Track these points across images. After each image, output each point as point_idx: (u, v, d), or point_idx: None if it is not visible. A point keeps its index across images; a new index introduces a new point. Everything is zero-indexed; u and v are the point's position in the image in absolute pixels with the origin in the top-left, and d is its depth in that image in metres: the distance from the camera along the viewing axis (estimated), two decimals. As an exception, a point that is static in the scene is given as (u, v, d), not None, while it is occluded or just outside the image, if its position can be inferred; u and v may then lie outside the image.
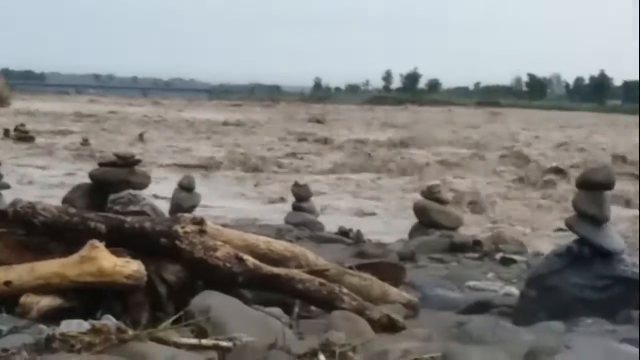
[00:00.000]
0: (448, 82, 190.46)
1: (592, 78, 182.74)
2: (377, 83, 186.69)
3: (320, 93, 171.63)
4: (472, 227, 22.92)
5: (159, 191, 20.83)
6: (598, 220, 11.38)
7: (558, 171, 38.05)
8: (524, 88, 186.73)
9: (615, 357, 7.77)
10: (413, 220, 20.31)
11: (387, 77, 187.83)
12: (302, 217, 20.72)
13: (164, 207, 17.60)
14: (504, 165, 41.50)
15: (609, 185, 11.69)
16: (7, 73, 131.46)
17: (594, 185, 11.55)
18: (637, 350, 8.03)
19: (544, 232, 25.19)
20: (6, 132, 48.28)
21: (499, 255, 17.41)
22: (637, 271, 11.54)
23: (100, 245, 8.08)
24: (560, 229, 19.03)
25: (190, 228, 8.80)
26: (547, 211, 28.94)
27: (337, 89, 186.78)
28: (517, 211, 28.86)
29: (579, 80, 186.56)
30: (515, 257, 17.35)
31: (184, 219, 9.21)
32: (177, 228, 8.72)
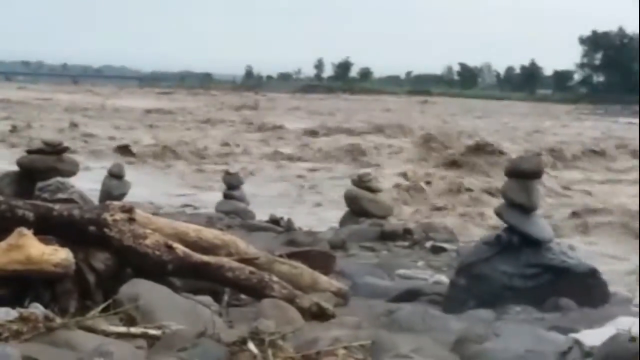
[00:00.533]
0: (380, 71, 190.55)
1: (522, 67, 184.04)
2: (309, 71, 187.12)
3: (251, 81, 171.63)
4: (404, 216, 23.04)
5: (88, 179, 20.67)
6: (527, 209, 11.49)
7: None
8: (456, 77, 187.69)
9: (543, 344, 7.83)
10: (342, 209, 20.40)
11: (319, 65, 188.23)
12: (232, 205, 20.72)
13: (93, 195, 17.50)
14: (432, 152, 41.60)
15: (538, 174, 11.80)
16: None
17: (523, 174, 11.64)
18: (565, 337, 8.11)
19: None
20: None
21: (429, 244, 17.50)
22: (566, 260, 11.66)
23: (28, 233, 8.03)
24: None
25: (119, 216, 8.77)
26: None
27: (269, 77, 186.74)
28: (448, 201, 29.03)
29: (509, 69, 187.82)
30: (446, 245, 17.46)
31: (113, 206, 9.17)
32: (106, 216, 8.69)
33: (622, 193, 31.80)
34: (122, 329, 6.98)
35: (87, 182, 19.02)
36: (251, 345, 6.18)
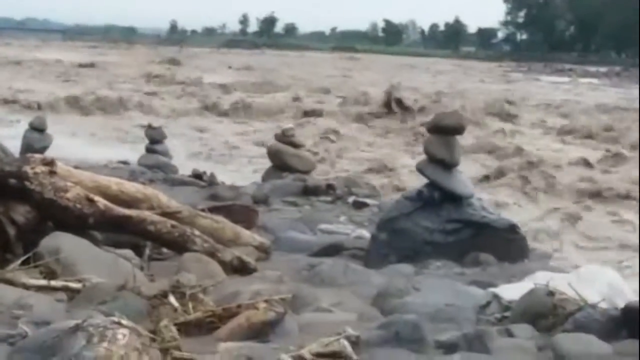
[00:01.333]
0: (305, 27, 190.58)
1: (447, 25, 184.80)
2: (234, 27, 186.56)
3: (176, 36, 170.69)
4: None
5: (8, 132, 20.53)
6: (448, 165, 11.56)
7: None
8: (380, 34, 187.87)
9: (463, 298, 7.91)
10: (266, 163, 20.41)
11: (244, 20, 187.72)
12: (155, 160, 20.66)
13: (14, 148, 17.36)
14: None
15: (459, 130, 11.86)
16: None
17: (444, 130, 11.69)
18: (484, 291, 8.20)
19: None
20: None
21: (351, 199, 17.55)
22: (488, 215, 11.77)
23: (-53, 186, 7.99)
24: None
25: (40, 169, 8.72)
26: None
27: (194, 31, 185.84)
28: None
29: (434, 26, 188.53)
30: (368, 200, 17.51)
31: (34, 159, 9.11)
32: (27, 169, 8.63)
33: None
34: (43, 282, 6.97)
35: (8, 135, 18.86)
36: (172, 299, 6.19)
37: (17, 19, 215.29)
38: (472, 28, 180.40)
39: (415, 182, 14.45)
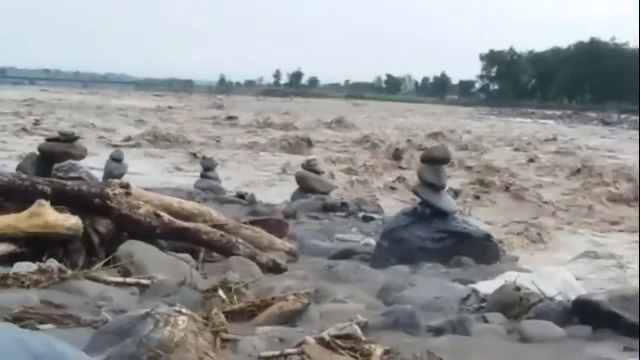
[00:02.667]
0: (324, 79, 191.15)
1: (435, 78, 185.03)
2: (269, 79, 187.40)
3: (223, 86, 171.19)
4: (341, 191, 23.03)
5: (95, 162, 20.53)
6: (437, 187, 11.60)
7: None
8: (383, 85, 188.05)
9: (448, 292, 7.91)
10: (294, 186, 20.43)
11: (277, 74, 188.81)
12: (208, 183, 20.65)
13: (98, 174, 17.41)
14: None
15: (445, 160, 11.94)
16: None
17: (434, 160, 11.75)
18: (465, 287, 8.18)
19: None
20: (-30, 115, 47.54)
21: (361, 214, 17.55)
22: (468, 226, 11.79)
23: (46, 203, 8.04)
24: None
25: (118, 191, 8.80)
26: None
27: (238, 83, 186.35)
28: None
29: (425, 79, 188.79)
30: (374, 215, 17.52)
31: (114, 183, 9.25)
32: (108, 191, 8.74)
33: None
34: (120, 279, 6.99)
35: (94, 165, 18.88)
36: (221, 292, 6.19)
37: (101, 73, 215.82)
38: (455, 80, 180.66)
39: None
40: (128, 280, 6.98)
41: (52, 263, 7.02)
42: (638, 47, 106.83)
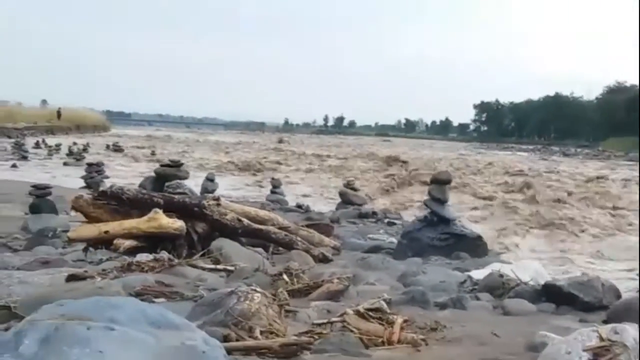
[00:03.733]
0: (360, 121, 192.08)
1: (440, 121, 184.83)
2: (320, 122, 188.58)
3: (287, 127, 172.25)
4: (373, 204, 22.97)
5: (195, 182, 20.66)
6: (442, 201, 11.56)
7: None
8: (402, 126, 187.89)
9: (450, 278, 7.87)
10: (337, 200, 20.47)
11: (326, 118, 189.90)
12: (276, 197, 20.69)
13: (197, 190, 17.52)
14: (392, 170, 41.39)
15: (448, 181, 11.90)
16: (108, 113, 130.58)
17: (440, 181, 11.73)
18: (462, 274, 8.13)
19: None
20: (107, 147, 48.19)
21: (386, 220, 17.53)
22: (464, 230, 11.75)
23: (160, 211, 8.10)
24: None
25: (211, 202, 8.85)
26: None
27: (297, 124, 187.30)
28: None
29: (433, 122, 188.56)
30: (396, 221, 17.48)
31: (208, 197, 9.31)
32: (204, 202, 8.80)
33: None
34: (212, 266, 7.01)
35: (194, 184, 18.99)
36: (285, 276, 6.19)
37: (199, 117, 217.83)
38: (455, 123, 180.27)
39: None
40: (218, 267, 7.00)
41: (164, 254, 7.07)
42: (638, 83, 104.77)
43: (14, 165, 31.05)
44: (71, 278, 5.34)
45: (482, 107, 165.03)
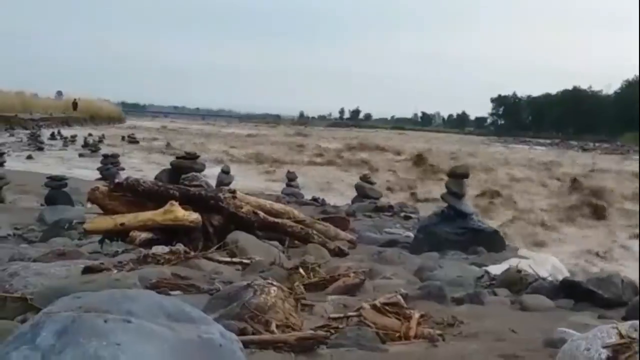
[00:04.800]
0: (375, 114, 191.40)
1: (457, 115, 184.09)
2: (336, 114, 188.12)
3: (302, 119, 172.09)
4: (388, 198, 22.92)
5: (210, 174, 20.69)
6: (459, 195, 11.52)
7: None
8: (419, 119, 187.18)
9: (467, 272, 7.84)
10: (354, 193, 20.43)
11: (342, 111, 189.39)
12: (291, 190, 20.72)
13: (213, 183, 17.54)
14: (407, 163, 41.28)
15: (466, 175, 11.85)
16: (123, 104, 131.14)
17: (457, 175, 11.68)
18: (479, 269, 8.10)
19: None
20: (122, 138, 48.49)
21: (402, 214, 17.49)
22: (481, 224, 11.70)
23: (176, 204, 8.11)
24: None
25: (227, 195, 8.86)
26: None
27: (313, 117, 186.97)
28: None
29: (450, 115, 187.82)
30: (412, 215, 17.45)
31: (224, 189, 9.31)
32: (220, 195, 8.81)
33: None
34: (228, 259, 7.02)
35: (210, 176, 19.01)
36: (301, 270, 6.20)
37: (215, 109, 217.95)
38: (472, 116, 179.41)
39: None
40: (234, 260, 7.01)
41: (180, 247, 7.08)
42: (638, 75, 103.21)
43: (29, 157, 31.24)
44: (87, 270, 5.36)
45: (499, 101, 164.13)
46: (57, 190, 13.43)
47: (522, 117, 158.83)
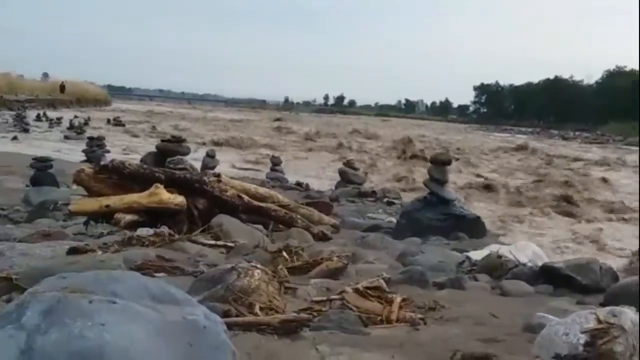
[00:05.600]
0: (360, 101, 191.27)
1: (440, 102, 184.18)
2: (320, 100, 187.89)
3: (287, 105, 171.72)
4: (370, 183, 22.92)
5: (194, 158, 20.62)
6: (441, 182, 11.54)
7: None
8: (403, 106, 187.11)
9: (449, 258, 7.86)
10: (337, 178, 20.43)
11: (326, 97, 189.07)
12: (275, 175, 20.68)
13: (198, 166, 17.49)
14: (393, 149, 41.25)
15: (448, 162, 11.87)
16: (109, 87, 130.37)
17: (440, 162, 11.69)
18: (461, 254, 8.13)
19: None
20: (108, 121, 48.14)
21: (385, 200, 17.52)
22: (463, 211, 11.74)
23: (161, 186, 8.09)
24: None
25: (212, 178, 8.85)
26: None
27: (297, 103, 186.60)
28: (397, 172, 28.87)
29: (433, 103, 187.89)
30: (395, 200, 17.48)
31: (209, 173, 9.27)
32: (205, 178, 8.79)
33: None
34: (212, 242, 7.01)
35: (195, 159, 18.96)
36: (284, 253, 6.19)
37: (200, 93, 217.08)
38: (455, 104, 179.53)
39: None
40: (218, 243, 7.00)
41: (164, 229, 7.06)
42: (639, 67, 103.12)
43: (15, 138, 31.01)
44: (72, 251, 5.33)
45: (482, 89, 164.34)
46: (42, 171, 13.34)
47: (504, 106, 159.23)
